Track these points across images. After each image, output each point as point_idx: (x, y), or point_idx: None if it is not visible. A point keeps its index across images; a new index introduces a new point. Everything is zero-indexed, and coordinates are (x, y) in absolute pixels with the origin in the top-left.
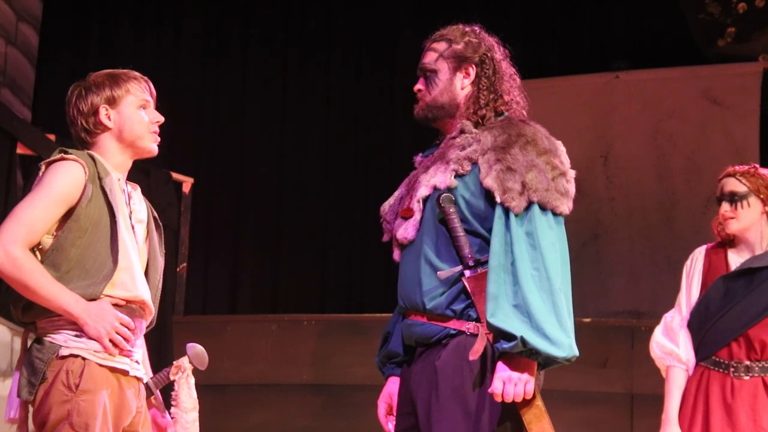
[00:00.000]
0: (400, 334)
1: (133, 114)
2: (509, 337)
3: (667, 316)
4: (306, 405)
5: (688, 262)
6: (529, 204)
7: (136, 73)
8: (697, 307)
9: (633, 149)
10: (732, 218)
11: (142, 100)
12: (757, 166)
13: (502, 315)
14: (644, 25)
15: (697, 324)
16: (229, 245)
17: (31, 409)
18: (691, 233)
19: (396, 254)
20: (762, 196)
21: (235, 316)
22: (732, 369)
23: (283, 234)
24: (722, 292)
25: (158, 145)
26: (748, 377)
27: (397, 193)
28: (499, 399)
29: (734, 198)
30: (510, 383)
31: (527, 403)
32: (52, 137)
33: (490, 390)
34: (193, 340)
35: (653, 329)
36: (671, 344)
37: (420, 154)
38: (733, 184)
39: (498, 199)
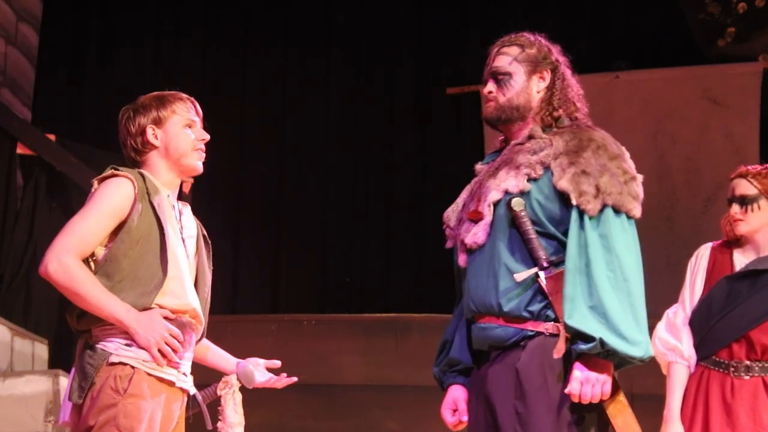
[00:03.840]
0: (463, 341)
1: (179, 133)
2: (587, 338)
3: (669, 312)
4: (306, 405)
5: (693, 259)
6: (603, 207)
7: (183, 94)
8: (700, 306)
9: (633, 149)
10: (741, 221)
11: (187, 119)
12: None
13: (579, 316)
14: (644, 25)
15: (699, 323)
16: (229, 245)
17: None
18: (691, 233)
19: (462, 259)
20: None
21: (235, 316)
22: (732, 369)
23: (283, 234)
24: (725, 293)
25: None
26: (748, 377)
27: (459, 200)
28: (576, 399)
29: (744, 201)
30: (588, 384)
31: (611, 398)
32: (52, 137)
33: (567, 390)
34: None
35: (653, 329)
36: (674, 340)
37: (479, 163)
38: (745, 187)
39: (574, 202)
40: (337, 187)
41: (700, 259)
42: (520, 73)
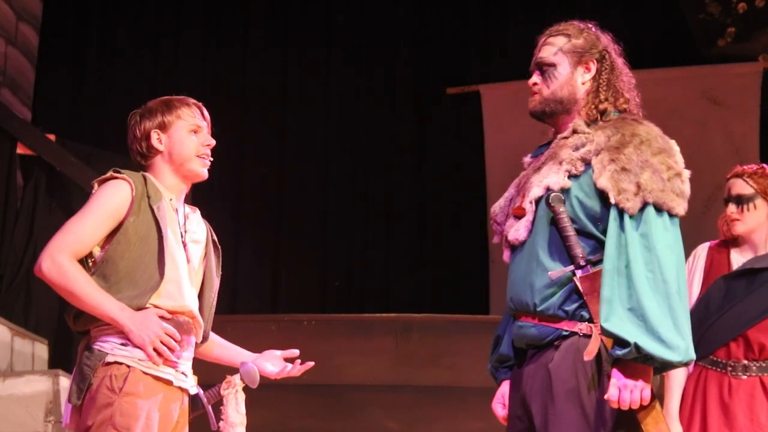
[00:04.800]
0: (511, 337)
1: (183, 138)
2: (623, 343)
3: None
4: (306, 405)
5: (690, 259)
6: (644, 205)
7: (190, 100)
8: (697, 306)
9: None
10: (738, 220)
11: (192, 124)
12: (766, 166)
13: (616, 319)
14: (644, 25)
15: (696, 322)
16: (229, 245)
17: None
18: (691, 233)
19: (506, 255)
20: None
21: (235, 316)
22: (729, 368)
23: (283, 234)
24: (723, 292)
25: None
26: (745, 376)
27: (507, 194)
28: (615, 406)
29: (741, 200)
30: (626, 390)
31: (645, 406)
32: (52, 137)
33: (606, 397)
34: None
35: None
36: None
37: (528, 155)
38: (741, 186)
39: (613, 200)
40: (336, 187)
41: (698, 259)
42: (565, 65)
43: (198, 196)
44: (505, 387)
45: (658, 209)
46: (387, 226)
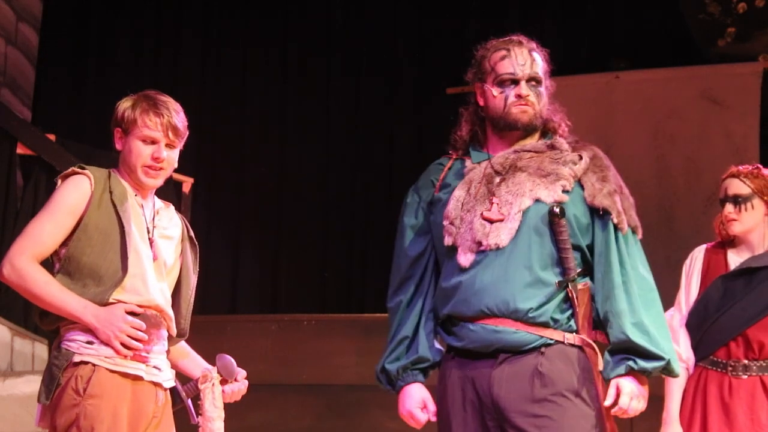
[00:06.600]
0: (430, 338)
1: (133, 146)
2: (653, 356)
3: (666, 315)
4: (306, 405)
5: (688, 261)
6: (627, 226)
7: (162, 107)
8: (696, 307)
9: (633, 149)
10: (735, 220)
11: (146, 135)
12: (761, 166)
13: (638, 332)
14: (644, 25)
15: (696, 323)
16: (229, 245)
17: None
18: (691, 233)
19: (468, 259)
20: (766, 198)
21: (235, 316)
22: (730, 368)
23: (283, 234)
24: (721, 292)
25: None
26: (746, 376)
27: (458, 198)
28: (621, 414)
29: (738, 200)
30: (636, 399)
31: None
32: (52, 137)
33: (617, 406)
34: (193, 340)
35: None
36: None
37: (469, 159)
38: (737, 186)
39: (615, 220)
40: (337, 186)
41: (695, 260)
42: (547, 84)
43: (199, 195)
44: (422, 390)
45: (633, 231)
46: (387, 226)
